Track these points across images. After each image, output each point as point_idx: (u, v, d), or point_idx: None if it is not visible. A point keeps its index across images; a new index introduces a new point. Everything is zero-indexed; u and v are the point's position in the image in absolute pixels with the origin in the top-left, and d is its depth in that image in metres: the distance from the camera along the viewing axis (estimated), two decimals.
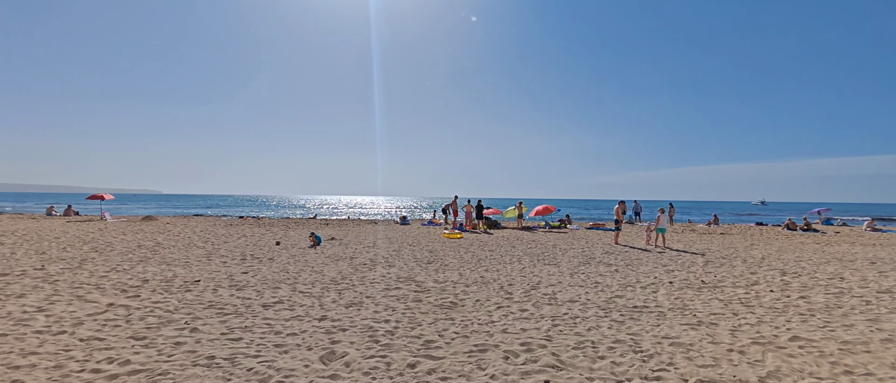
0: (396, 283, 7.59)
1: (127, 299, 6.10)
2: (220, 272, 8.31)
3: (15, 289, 6.49)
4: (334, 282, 7.57)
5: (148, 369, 3.73)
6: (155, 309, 5.59)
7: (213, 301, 6.10)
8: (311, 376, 3.69)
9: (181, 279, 7.55)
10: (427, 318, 5.48)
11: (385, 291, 6.96)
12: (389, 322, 5.29)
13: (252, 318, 5.31)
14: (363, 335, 4.78)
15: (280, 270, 8.65)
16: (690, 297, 6.80)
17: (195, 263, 9.28)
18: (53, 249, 10.97)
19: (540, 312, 5.84)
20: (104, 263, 9.00)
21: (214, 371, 3.74)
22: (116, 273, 7.98)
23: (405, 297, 6.58)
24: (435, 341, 4.63)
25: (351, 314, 5.60)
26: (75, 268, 8.34)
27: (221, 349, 4.26)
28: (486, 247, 13.41)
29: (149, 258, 9.85)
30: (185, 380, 3.54)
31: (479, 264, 9.88)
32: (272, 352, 4.21)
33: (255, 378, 3.64)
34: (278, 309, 5.74)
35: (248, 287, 7.06)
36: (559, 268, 9.54)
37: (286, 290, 6.88)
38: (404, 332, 4.90)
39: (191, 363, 3.90)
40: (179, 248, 11.68)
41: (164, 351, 4.16)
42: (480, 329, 5.08)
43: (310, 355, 4.16)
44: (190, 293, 6.54)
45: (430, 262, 10.03)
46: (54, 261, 9.19)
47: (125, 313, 5.40)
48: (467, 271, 8.94)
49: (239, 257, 10.33)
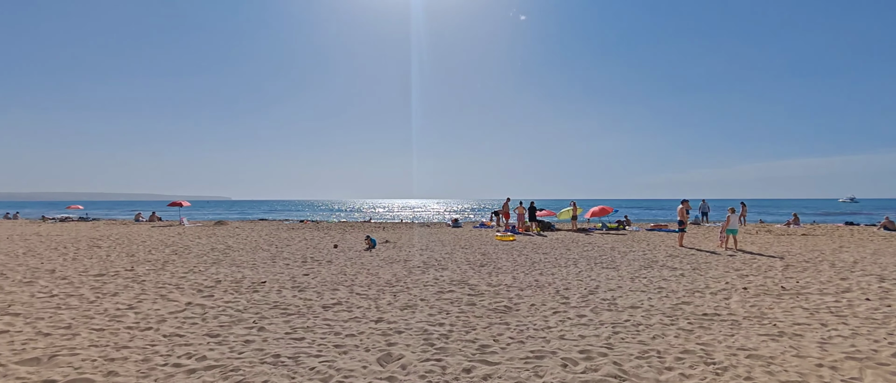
0: (450, 286, 7.61)
1: (202, 298, 6.59)
2: (284, 274, 8.76)
3: (110, 288, 7.23)
4: (389, 285, 7.73)
5: (221, 365, 4.00)
6: (227, 309, 5.99)
7: (277, 301, 6.44)
8: (369, 377, 3.78)
9: (249, 280, 8.05)
10: (481, 322, 5.43)
11: (438, 294, 7.00)
12: (443, 325, 5.31)
13: (313, 319, 5.54)
14: (418, 338, 4.83)
15: (338, 272, 8.97)
16: (769, 305, 6.23)
17: (261, 265, 9.86)
18: (141, 252, 12.13)
19: (599, 318, 5.61)
20: (183, 265, 9.81)
21: (280, 369, 3.93)
22: (193, 274, 8.66)
23: (459, 301, 6.57)
24: (490, 346, 4.58)
25: (406, 316, 5.68)
26: (159, 269, 9.16)
27: (286, 348, 4.47)
28: (540, 249, 13.12)
29: (221, 260, 10.61)
30: (253, 377, 3.75)
31: (533, 267, 9.68)
32: (332, 352, 4.36)
33: (317, 377, 3.78)
34: (337, 311, 5.95)
35: (309, 288, 7.38)
36: (618, 271, 9.12)
37: (344, 292, 7.12)
38: (459, 336, 4.89)
39: (259, 360, 4.12)
40: (247, 251, 12.48)
41: (235, 349, 4.44)
42: (536, 334, 4.96)
43: (367, 356, 4.26)
44: (257, 294, 6.95)
45: (483, 265, 9.97)
46: (141, 262, 10.16)
47: (201, 312, 5.84)
48: (521, 274, 8.79)
49: (300, 260, 10.85)
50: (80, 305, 6.09)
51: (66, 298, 6.49)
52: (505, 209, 21.69)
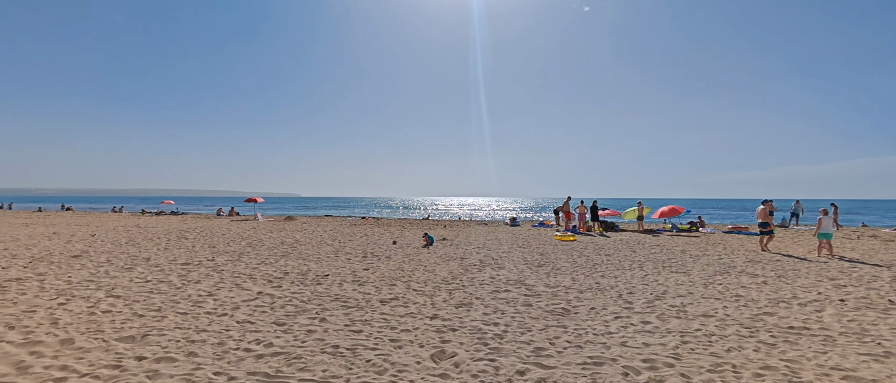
0: (505, 286, 7.51)
1: (272, 289, 7.04)
2: (345, 268, 9.13)
3: (194, 276, 7.95)
4: (445, 282, 7.78)
5: (286, 352, 4.23)
6: (293, 299, 6.35)
7: (338, 294, 6.72)
8: (422, 373, 3.82)
9: (314, 273, 8.48)
10: (537, 324, 5.29)
11: (494, 293, 6.92)
12: (498, 325, 5.23)
13: (371, 312, 5.71)
14: (472, 336, 4.80)
15: (396, 268, 9.19)
16: (872, 320, 5.47)
17: (325, 259, 10.36)
18: (220, 244, 13.24)
19: (666, 326, 5.24)
20: (256, 257, 10.56)
21: (338, 359, 4.09)
22: (264, 265, 9.29)
23: (515, 301, 6.46)
24: (545, 349, 4.44)
25: (461, 314, 5.68)
26: (235, 260, 9.93)
27: (344, 339, 4.65)
28: (603, 250, 12.56)
29: (289, 253, 11.29)
30: (314, 365, 3.93)
31: (595, 269, 9.28)
32: (388, 346, 4.46)
33: (373, 369, 3.88)
34: (394, 306, 6.08)
35: (368, 283, 7.63)
36: (689, 276, 8.49)
37: (401, 288, 7.27)
38: (513, 337, 4.80)
39: (319, 350, 4.32)
40: (313, 245, 13.17)
41: (299, 337, 4.68)
42: (595, 339, 4.74)
43: (421, 352, 4.31)
44: (320, 286, 7.30)
45: (541, 265, 9.73)
46: (221, 253, 11.08)
47: (270, 301, 6.24)
48: (581, 276, 8.46)
49: (361, 255, 11.25)
50: (168, 290, 6.75)
51: (158, 284, 7.23)
52: (565, 208, 21.04)
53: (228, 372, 3.75)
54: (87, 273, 8.07)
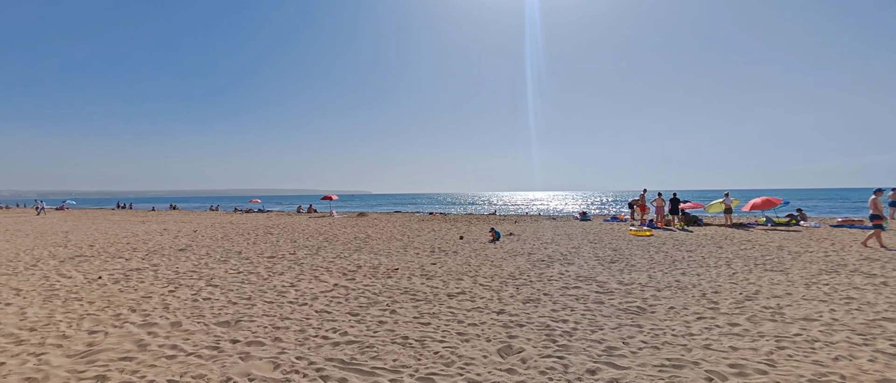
0: (575, 282, 7.27)
1: (346, 281, 7.45)
2: (414, 262, 9.40)
3: (278, 268, 8.64)
4: (512, 277, 7.71)
5: (359, 342, 4.47)
6: (365, 292, 6.67)
7: (407, 287, 6.94)
8: (488, 367, 3.83)
9: (384, 267, 8.83)
10: (610, 322, 5.07)
11: (563, 290, 6.73)
12: (567, 322, 5.09)
13: (439, 306, 5.83)
14: (540, 332, 4.72)
15: (463, 263, 9.28)
16: None
17: (395, 254, 10.73)
18: (300, 239, 14.24)
19: (758, 329, 4.76)
20: (332, 251, 11.22)
21: (408, 350, 4.23)
22: (339, 259, 9.84)
23: (585, 297, 6.23)
24: (618, 348, 4.24)
25: (528, 310, 5.60)
26: (314, 254, 10.63)
27: (413, 331, 4.79)
28: (683, 246, 11.68)
29: (361, 248, 11.85)
30: (385, 355, 4.11)
31: (674, 266, 8.66)
32: (455, 339, 4.52)
33: (440, 361, 3.96)
34: (461, 300, 6.15)
35: (435, 277, 7.79)
36: (788, 275, 7.62)
37: (468, 282, 7.33)
38: (584, 335, 4.64)
39: (390, 340, 4.50)
40: (383, 240, 13.70)
41: (371, 328, 4.91)
42: (674, 341, 4.43)
43: (488, 346, 4.32)
44: (390, 279, 7.59)
45: (614, 262, 9.28)
46: (301, 247, 11.92)
47: (345, 293, 6.60)
48: (659, 273, 7.94)
49: (429, 249, 11.50)
50: (257, 281, 7.41)
51: (248, 275, 7.96)
52: (641, 201, 19.85)
53: (309, 357, 4.04)
54: (190, 264, 9.11)
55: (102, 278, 7.62)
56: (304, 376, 3.63)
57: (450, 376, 3.65)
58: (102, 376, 3.59)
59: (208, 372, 3.68)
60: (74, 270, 8.39)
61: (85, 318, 5.22)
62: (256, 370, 3.74)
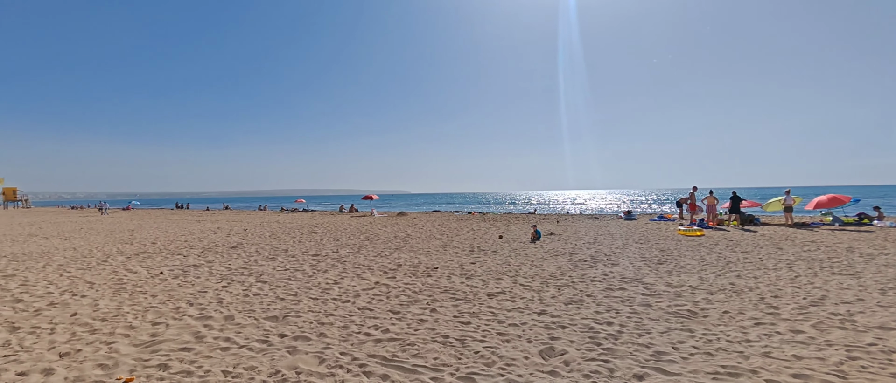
0: (620, 283, 7.02)
1: (387, 279, 7.57)
2: (453, 261, 9.42)
3: (322, 266, 8.92)
4: (553, 278, 7.56)
5: (400, 339, 4.52)
6: (406, 290, 6.75)
7: (447, 286, 6.96)
8: (530, 368, 3.77)
9: (424, 266, 8.90)
10: (658, 326, 4.85)
11: (607, 291, 6.52)
12: (612, 324, 4.92)
13: (478, 305, 5.81)
14: (583, 335, 4.59)
15: (502, 263, 9.19)
16: None
17: (434, 253, 10.80)
18: (343, 237, 14.64)
19: (825, 337, 4.40)
20: (373, 250, 11.46)
21: (448, 348, 4.24)
22: (381, 258, 10.03)
23: (631, 299, 6.01)
24: (667, 353, 4.05)
25: (570, 312, 5.47)
26: (356, 253, 10.89)
27: (454, 330, 4.80)
28: (738, 247, 11.01)
29: (401, 247, 12.02)
30: (426, 353, 4.14)
31: (728, 268, 8.18)
32: (495, 339, 4.49)
33: (481, 361, 3.94)
34: (501, 300, 6.10)
35: (475, 276, 7.76)
36: (859, 279, 7.00)
37: (508, 282, 7.26)
38: (630, 338, 4.47)
39: (430, 338, 4.53)
40: (423, 239, 13.83)
41: (412, 325, 4.97)
42: (730, 347, 4.18)
43: (529, 347, 4.25)
44: (430, 278, 7.64)
45: (662, 263, 8.88)
46: (344, 246, 12.25)
47: (386, 291, 6.71)
48: (711, 275, 7.53)
49: (468, 249, 11.49)
50: (302, 278, 7.68)
51: (294, 272, 8.27)
52: (691, 199, 18.91)
53: (352, 353, 4.13)
54: (241, 261, 9.58)
55: (164, 273, 8.16)
56: (347, 371, 3.72)
57: (491, 376, 3.62)
58: (164, 365, 3.84)
59: (259, 365, 3.85)
60: (139, 266, 9.05)
61: (149, 310, 5.61)
62: (303, 364, 3.87)
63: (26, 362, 3.91)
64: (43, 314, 5.45)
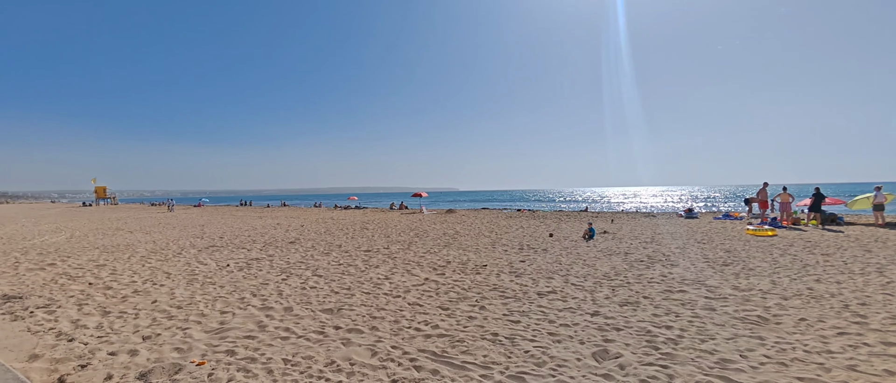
0: (680, 285, 6.64)
1: (436, 276, 7.65)
2: (502, 259, 9.34)
3: (374, 262, 9.18)
4: (607, 278, 7.29)
5: (450, 335, 4.56)
6: (455, 287, 6.79)
7: (496, 284, 6.92)
8: (583, 370, 3.66)
9: (473, 263, 8.90)
10: (723, 332, 4.54)
11: (666, 293, 6.19)
12: (671, 328, 4.67)
13: (528, 304, 5.72)
14: (639, 338, 4.39)
15: (553, 261, 8.99)
16: None
17: (483, 250, 10.77)
18: (393, 234, 14.97)
19: None
20: (422, 246, 11.62)
21: (498, 346, 4.22)
22: (430, 255, 10.15)
23: (692, 303, 5.67)
24: (734, 361, 3.78)
25: (625, 313, 5.25)
26: (406, 249, 11.10)
27: (503, 328, 4.76)
28: (818, 248, 10.05)
29: (450, 244, 12.09)
30: (475, 350, 4.14)
31: (805, 271, 7.49)
32: (546, 339, 4.40)
33: (531, 360, 3.88)
34: (552, 299, 5.97)
35: (524, 275, 7.66)
36: None
37: (559, 281, 7.09)
38: (691, 344, 4.22)
39: (480, 336, 4.52)
40: (471, 237, 13.83)
41: (461, 322, 4.99)
42: (807, 358, 3.83)
43: (582, 349, 4.13)
44: (479, 275, 7.63)
45: (727, 265, 8.30)
46: (394, 242, 12.53)
47: (435, 287, 6.79)
48: (785, 279, 6.93)
49: (517, 247, 11.35)
50: (355, 273, 7.95)
51: (347, 267, 8.57)
52: (762, 196, 17.51)
53: (403, 346, 4.22)
54: (299, 256, 10.07)
55: (230, 266, 8.76)
56: (399, 365, 3.80)
57: (541, 376, 3.56)
58: (231, 351, 4.13)
59: (315, 354, 4.03)
60: (209, 258, 9.77)
61: (217, 300, 6.04)
62: (356, 355, 4.01)
63: (115, 343, 4.34)
64: (129, 300, 6.03)
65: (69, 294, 6.39)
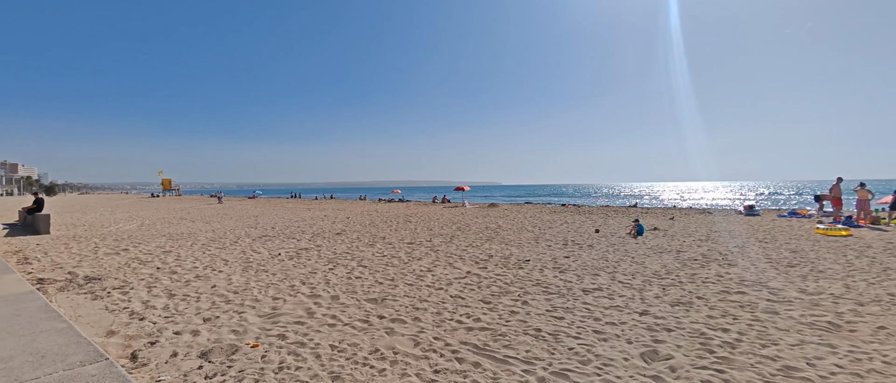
0: (738, 287, 6.24)
1: (478, 269, 7.64)
2: (546, 254, 9.17)
3: (416, 254, 9.31)
4: (657, 276, 6.97)
5: (491, 329, 4.54)
6: (496, 281, 6.75)
7: (539, 280, 6.81)
8: (630, 371, 3.52)
9: (515, 258, 8.81)
10: (787, 337, 4.22)
11: (722, 294, 5.84)
12: (728, 331, 4.39)
13: (573, 301, 5.58)
14: (693, 340, 4.17)
15: (599, 258, 8.72)
16: None
17: (526, 245, 10.63)
18: (436, 227, 15.10)
19: None
20: (464, 240, 11.64)
21: (540, 342, 4.15)
22: (472, 248, 10.15)
23: (752, 305, 5.31)
24: (800, 369, 3.50)
25: (677, 314, 5.00)
26: (448, 242, 11.17)
27: (546, 324, 4.68)
28: None
29: (492, 238, 12.03)
30: (517, 345, 4.10)
31: (885, 274, 6.81)
32: (591, 337, 4.28)
33: (576, 358, 3.79)
34: (597, 296, 5.79)
35: (569, 271, 7.48)
36: None
37: (605, 278, 6.87)
38: (750, 348, 3.95)
39: (522, 331, 4.47)
40: (514, 231, 13.69)
41: (503, 316, 4.95)
42: (886, 370, 3.48)
43: (629, 349, 3.98)
44: (522, 270, 7.54)
45: (793, 265, 7.70)
46: (436, 235, 12.64)
47: (477, 280, 6.78)
48: (861, 283, 6.33)
49: (561, 242, 11.10)
50: (398, 264, 8.09)
51: (391, 258, 8.74)
52: (834, 193, 16.08)
53: (445, 338, 4.25)
54: (345, 246, 10.39)
55: (281, 255, 9.18)
56: (441, 356, 3.84)
57: (586, 375, 3.46)
58: (283, 335, 4.33)
59: (360, 342, 4.15)
60: (262, 247, 10.30)
61: (270, 287, 6.36)
62: (399, 345, 4.08)
63: (180, 323, 4.68)
64: (191, 284, 6.48)
65: (140, 277, 6.96)
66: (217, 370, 3.49)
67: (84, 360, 1.87)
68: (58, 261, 8.27)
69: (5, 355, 1.93)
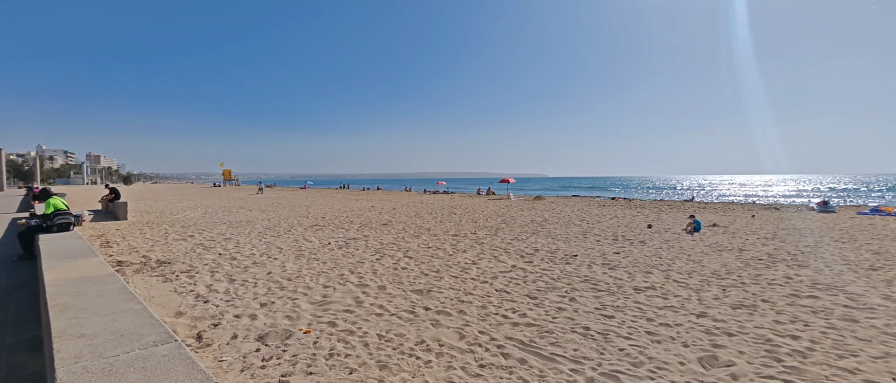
0: (810, 290, 5.74)
1: (524, 264, 7.54)
2: (594, 250, 8.89)
3: (461, 246, 9.32)
4: (717, 276, 6.57)
5: (537, 325, 4.46)
6: (543, 276, 6.63)
7: (587, 276, 6.61)
8: (686, 376, 3.34)
9: (562, 252, 8.61)
10: (869, 349, 3.84)
11: (791, 298, 5.40)
12: (798, 339, 4.06)
13: (623, 299, 5.38)
14: (757, 346, 3.89)
15: (652, 255, 8.34)
16: None
17: (573, 239, 10.36)
18: (480, 219, 15.05)
19: None
20: (509, 233, 11.52)
21: (589, 341, 4.03)
22: (517, 242, 10.02)
23: (827, 311, 4.87)
24: None
25: (740, 317, 4.68)
26: (493, 235, 11.10)
27: (595, 322, 4.54)
28: None
29: (538, 231, 11.82)
30: (564, 342, 4.00)
31: None
32: (644, 338, 4.10)
33: (627, 359, 3.65)
34: (650, 295, 5.54)
35: (619, 267, 7.21)
36: None
37: (659, 277, 6.56)
38: (824, 358, 3.63)
39: (570, 328, 4.36)
40: (561, 225, 13.38)
41: (550, 313, 4.86)
42: None
43: (685, 352, 3.78)
44: (569, 265, 7.35)
45: (876, 269, 6.98)
46: (481, 228, 12.60)
47: (523, 275, 6.69)
48: None
49: (611, 237, 10.72)
50: (443, 256, 8.15)
51: (436, 250, 8.81)
52: None
53: (490, 332, 4.23)
54: (391, 237, 10.60)
55: (331, 244, 9.52)
56: (486, 350, 3.82)
57: (638, 378, 3.32)
58: (333, 322, 4.49)
59: (406, 332, 4.22)
60: (313, 236, 10.72)
61: (321, 275, 6.61)
62: (445, 337, 4.11)
63: (239, 307, 4.98)
64: (249, 270, 6.87)
65: (204, 262, 7.46)
66: (273, 353, 3.68)
67: (156, 341, 2.02)
68: (134, 246, 9.04)
69: (91, 332, 2.14)
